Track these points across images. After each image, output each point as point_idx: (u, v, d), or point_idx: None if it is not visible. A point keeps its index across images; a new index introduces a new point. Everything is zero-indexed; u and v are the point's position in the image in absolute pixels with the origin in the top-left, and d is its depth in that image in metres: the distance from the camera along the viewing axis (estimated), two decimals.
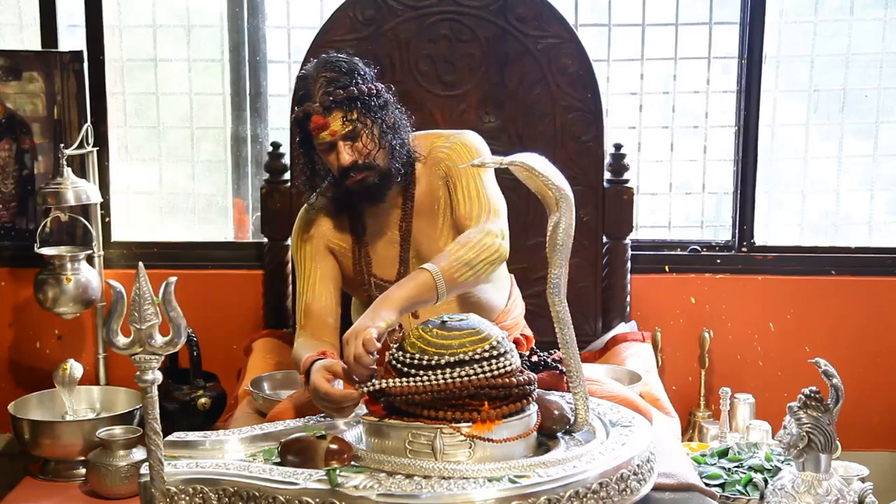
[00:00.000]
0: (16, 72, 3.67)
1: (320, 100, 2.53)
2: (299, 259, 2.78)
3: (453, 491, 1.96)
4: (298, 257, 2.78)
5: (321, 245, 2.76)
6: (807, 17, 3.76)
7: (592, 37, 3.72)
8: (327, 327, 2.69)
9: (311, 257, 2.76)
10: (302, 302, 2.73)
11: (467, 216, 2.64)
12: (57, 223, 3.61)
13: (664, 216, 3.87)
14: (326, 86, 2.53)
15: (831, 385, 2.67)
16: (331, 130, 2.54)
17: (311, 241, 2.76)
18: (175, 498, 2.05)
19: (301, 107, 2.57)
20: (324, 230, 2.77)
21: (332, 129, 2.54)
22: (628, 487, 2.09)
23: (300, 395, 2.62)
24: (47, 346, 3.79)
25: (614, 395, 2.59)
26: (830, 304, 3.73)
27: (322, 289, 2.73)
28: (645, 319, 3.63)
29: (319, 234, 2.76)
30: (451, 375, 2.07)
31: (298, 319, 2.74)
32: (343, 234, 2.77)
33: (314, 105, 2.54)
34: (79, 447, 3.28)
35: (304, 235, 2.77)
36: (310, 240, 2.76)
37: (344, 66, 2.57)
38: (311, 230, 2.77)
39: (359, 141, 2.57)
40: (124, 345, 1.93)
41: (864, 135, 3.84)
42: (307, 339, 2.63)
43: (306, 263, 2.76)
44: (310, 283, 2.73)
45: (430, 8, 3.34)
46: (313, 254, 2.76)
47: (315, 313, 2.70)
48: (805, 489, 2.69)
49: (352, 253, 2.76)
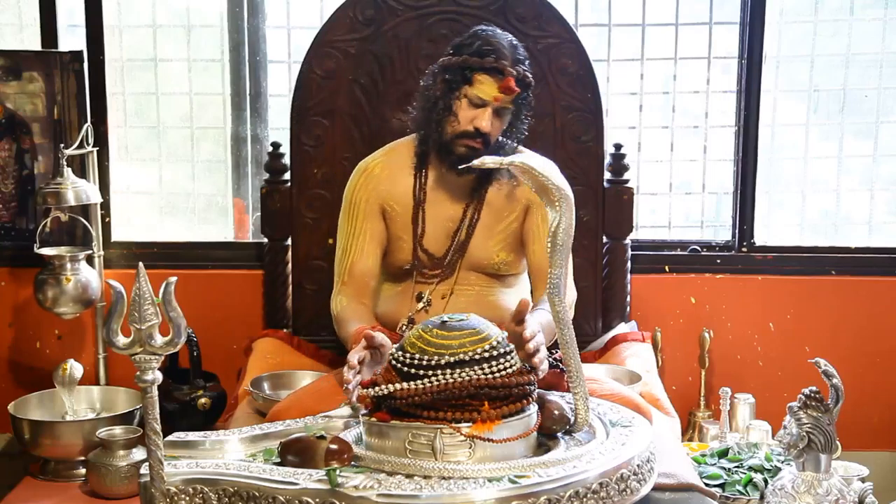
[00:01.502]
0: (16, 72, 3.67)
1: (517, 70, 2.64)
2: (351, 214, 2.84)
3: (453, 491, 1.96)
4: (350, 213, 2.84)
5: (376, 205, 2.82)
6: (807, 17, 3.77)
7: (592, 37, 3.72)
8: (367, 288, 2.83)
9: (365, 216, 2.83)
10: (347, 260, 2.82)
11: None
12: (57, 223, 3.61)
13: (664, 216, 3.87)
14: (518, 62, 2.67)
15: (831, 385, 2.67)
16: (506, 99, 2.65)
17: (368, 200, 2.82)
18: (175, 498, 2.05)
19: (483, 57, 2.64)
20: (382, 190, 2.82)
21: (506, 99, 2.66)
22: (628, 487, 2.09)
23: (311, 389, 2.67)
24: (47, 346, 3.79)
25: (614, 394, 2.60)
26: (830, 304, 3.73)
27: (370, 250, 2.82)
28: (645, 319, 3.63)
29: (377, 194, 2.82)
30: (451, 375, 2.08)
31: (340, 275, 2.83)
32: (400, 197, 2.82)
33: (512, 70, 2.64)
34: (79, 447, 3.28)
35: (361, 192, 2.83)
36: (366, 198, 2.83)
37: (526, 53, 2.73)
38: (370, 187, 2.83)
39: (502, 119, 2.70)
40: (124, 345, 1.93)
41: (864, 135, 3.84)
42: (352, 301, 2.78)
43: (358, 221, 2.83)
44: (359, 242, 2.81)
45: (430, 8, 3.34)
46: (367, 212, 2.83)
47: (358, 273, 2.81)
48: (805, 489, 2.69)
49: (411, 216, 2.81)
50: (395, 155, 2.88)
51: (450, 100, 2.69)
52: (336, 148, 3.39)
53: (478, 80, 2.65)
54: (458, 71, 2.67)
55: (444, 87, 2.71)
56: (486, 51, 2.65)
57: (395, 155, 2.88)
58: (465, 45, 2.70)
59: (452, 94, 2.69)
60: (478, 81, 2.65)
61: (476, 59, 2.65)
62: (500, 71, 2.64)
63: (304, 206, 3.44)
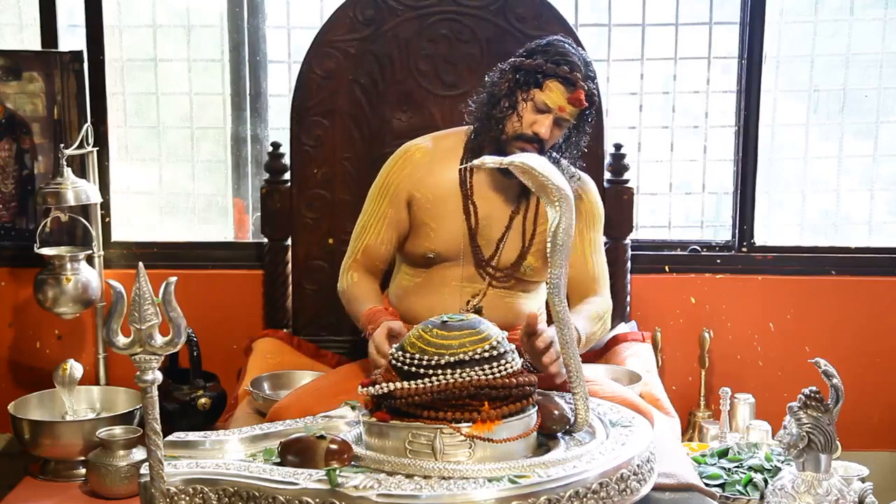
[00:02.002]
0: (16, 72, 3.67)
1: (587, 85, 2.68)
2: (379, 194, 2.85)
3: (453, 491, 1.96)
4: (380, 192, 2.85)
5: (405, 192, 2.82)
6: (807, 17, 3.77)
7: (592, 37, 3.72)
8: (377, 271, 2.89)
9: (391, 201, 2.83)
10: (364, 238, 2.85)
11: (592, 277, 2.84)
12: (57, 223, 3.61)
13: (664, 216, 3.87)
14: (589, 78, 2.70)
15: (831, 385, 2.67)
16: (571, 111, 2.68)
17: (399, 185, 2.82)
18: (175, 498, 2.05)
19: (558, 65, 2.65)
20: (416, 178, 2.81)
21: (571, 111, 2.68)
22: (628, 487, 2.09)
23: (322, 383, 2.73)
24: (47, 346, 3.79)
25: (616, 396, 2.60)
26: (830, 304, 3.73)
27: (387, 234, 2.84)
28: (645, 319, 3.63)
29: (411, 181, 2.82)
30: (451, 375, 2.08)
31: (353, 251, 2.86)
32: (434, 186, 2.80)
33: (583, 84, 2.67)
34: (79, 447, 3.28)
35: (394, 176, 2.84)
36: (398, 182, 2.83)
37: (595, 71, 2.75)
38: (406, 173, 2.83)
39: (560, 129, 2.72)
40: (124, 345, 1.93)
41: (864, 135, 3.84)
42: (364, 279, 2.84)
43: (384, 203, 2.84)
44: (379, 224, 2.84)
45: (430, 8, 3.34)
46: (394, 198, 2.83)
47: (372, 254, 2.85)
48: (805, 489, 2.69)
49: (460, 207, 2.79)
50: (442, 143, 2.86)
51: (516, 100, 2.69)
52: (336, 148, 3.39)
53: (548, 86, 2.66)
54: (531, 73, 2.67)
55: (512, 86, 2.70)
56: (561, 60, 2.66)
57: (441, 143, 2.87)
58: (540, 50, 2.69)
59: (520, 94, 2.69)
60: (548, 87, 2.66)
61: (552, 65, 2.65)
62: (572, 82, 2.65)
63: (304, 206, 3.44)
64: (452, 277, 2.82)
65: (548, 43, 2.71)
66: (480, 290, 2.80)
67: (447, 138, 2.88)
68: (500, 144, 2.71)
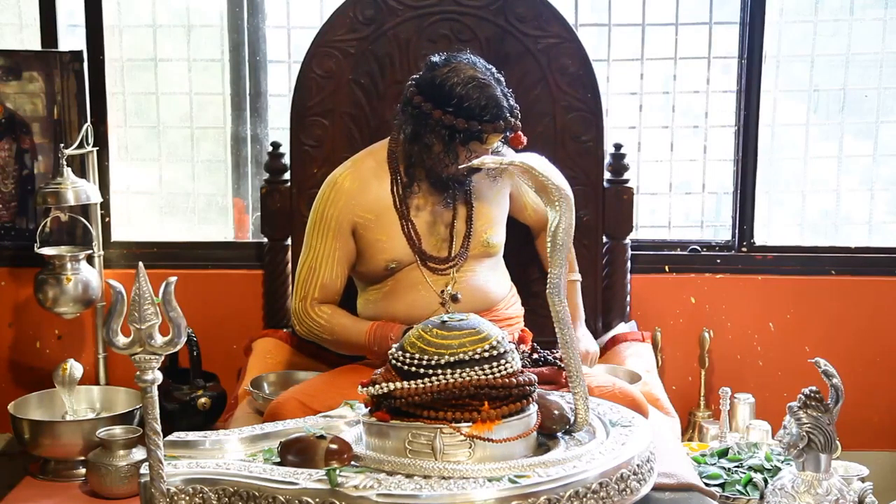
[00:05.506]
0: (16, 72, 3.67)
1: (516, 118, 2.71)
2: (322, 230, 2.83)
3: (453, 491, 1.97)
4: (321, 229, 2.84)
5: (347, 223, 2.82)
6: (807, 17, 3.77)
7: (592, 37, 3.72)
8: (336, 304, 2.88)
9: (336, 234, 2.83)
10: (317, 277, 2.83)
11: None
12: (57, 223, 3.62)
13: (664, 216, 3.87)
14: (513, 108, 2.72)
15: (831, 385, 2.67)
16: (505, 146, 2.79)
17: (338, 217, 2.82)
18: (175, 498, 2.05)
19: (491, 109, 2.65)
20: (353, 204, 2.82)
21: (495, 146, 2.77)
22: (628, 487, 2.09)
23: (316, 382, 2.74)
24: (47, 346, 3.79)
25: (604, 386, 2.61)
26: (830, 304, 3.73)
27: (339, 270, 2.84)
28: (645, 319, 3.63)
29: (348, 209, 2.82)
30: (451, 375, 2.08)
31: (310, 291, 2.84)
32: (373, 204, 2.82)
33: (518, 123, 2.72)
34: (79, 447, 3.28)
35: (331, 209, 2.83)
36: (336, 215, 2.82)
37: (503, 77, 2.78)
38: (341, 203, 2.82)
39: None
40: (124, 345, 1.93)
41: (864, 135, 3.84)
42: (334, 308, 2.85)
43: (328, 239, 2.83)
44: (329, 261, 2.83)
45: (430, 8, 3.34)
46: (338, 231, 2.83)
47: (329, 291, 2.84)
48: (805, 489, 2.69)
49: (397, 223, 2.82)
50: (364, 165, 2.88)
51: (456, 154, 2.70)
52: (336, 148, 3.39)
53: (489, 138, 2.70)
54: (471, 133, 2.67)
55: (448, 140, 2.69)
56: (498, 114, 2.67)
57: (363, 165, 2.88)
58: (465, 100, 2.65)
59: (460, 148, 2.70)
60: (489, 140, 2.70)
61: (488, 124, 2.66)
62: (511, 128, 2.71)
63: (304, 206, 3.43)
64: (418, 276, 2.84)
65: (468, 85, 2.66)
66: (449, 280, 2.82)
67: (366, 159, 2.89)
68: (441, 180, 2.77)
